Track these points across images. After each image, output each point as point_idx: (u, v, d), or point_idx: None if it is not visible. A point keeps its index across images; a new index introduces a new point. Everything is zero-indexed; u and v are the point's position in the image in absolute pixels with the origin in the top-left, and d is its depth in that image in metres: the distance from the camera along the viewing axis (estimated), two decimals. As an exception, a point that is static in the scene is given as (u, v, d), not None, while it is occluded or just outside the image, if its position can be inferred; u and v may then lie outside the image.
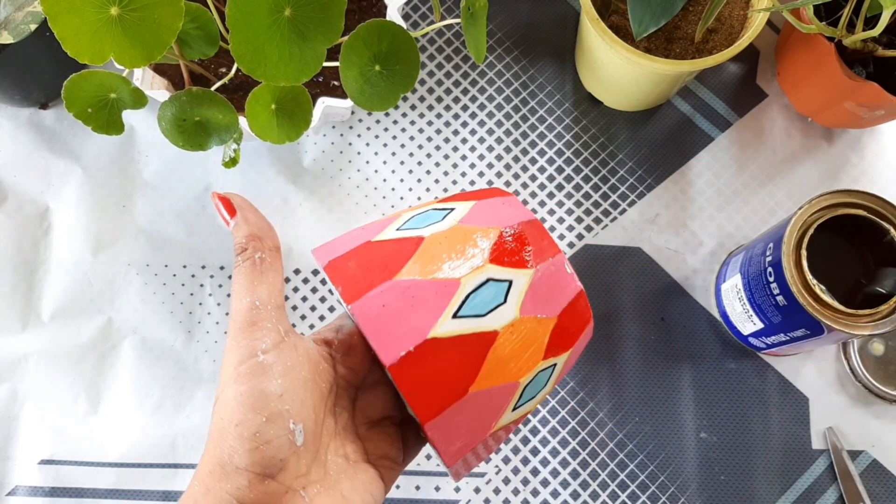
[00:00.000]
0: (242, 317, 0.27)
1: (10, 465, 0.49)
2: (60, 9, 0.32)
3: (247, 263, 0.28)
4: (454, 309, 0.27)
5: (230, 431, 0.24)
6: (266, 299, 0.27)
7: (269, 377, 0.25)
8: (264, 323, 0.27)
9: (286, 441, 0.25)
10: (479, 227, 0.30)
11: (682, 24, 0.48)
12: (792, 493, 0.49)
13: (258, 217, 0.30)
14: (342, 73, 0.37)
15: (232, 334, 0.27)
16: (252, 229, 0.29)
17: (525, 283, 0.29)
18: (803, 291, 0.40)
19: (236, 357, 0.26)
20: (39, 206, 0.53)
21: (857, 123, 0.52)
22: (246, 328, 0.26)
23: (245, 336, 0.26)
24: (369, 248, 0.29)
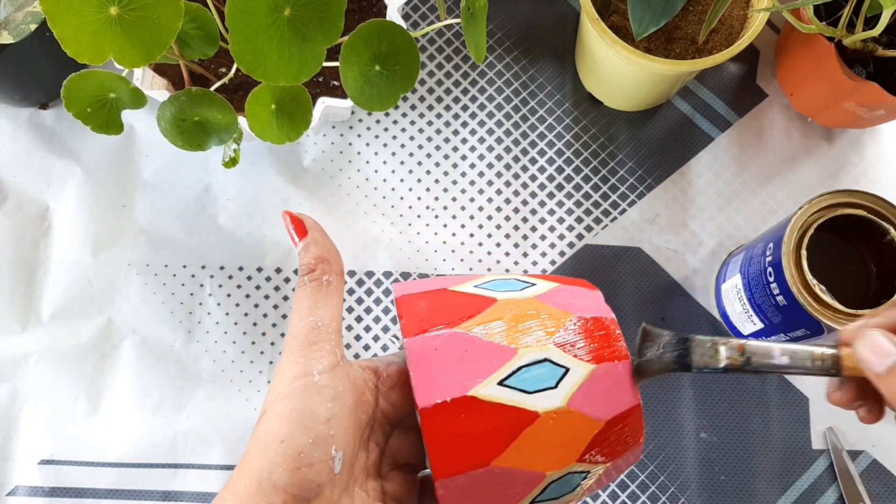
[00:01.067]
0: (303, 335, 0.27)
1: (10, 465, 0.49)
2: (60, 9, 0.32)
3: (313, 284, 0.28)
4: (502, 376, 0.27)
5: (274, 447, 0.24)
6: (328, 321, 0.28)
7: (320, 399, 0.26)
8: (323, 344, 0.27)
9: (326, 467, 0.25)
10: (554, 307, 0.29)
11: (682, 24, 0.48)
12: (792, 494, 0.49)
13: (327, 240, 0.30)
14: (342, 72, 0.37)
15: (289, 350, 0.27)
16: (322, 252, 0.29)
17: (582, 377, 0.28)
18: (803, 291, 0.40)
19: (291, 373, 0.26)
20: (39, 205, 0.53)
21: (857, 123, 0.52)
22: (306, 346, 0.27)
23: (303, 354, 0.26)
24: (443, 294, 0.30)
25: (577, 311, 0.29)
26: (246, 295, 0.51)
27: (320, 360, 0.26)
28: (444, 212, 0.53)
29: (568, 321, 0.29)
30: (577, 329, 0.29)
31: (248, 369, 0.50)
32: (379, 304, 0.52)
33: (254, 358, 0.51)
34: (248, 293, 0.51)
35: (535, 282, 0.31)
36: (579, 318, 0.29)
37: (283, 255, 0.52)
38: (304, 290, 0.28)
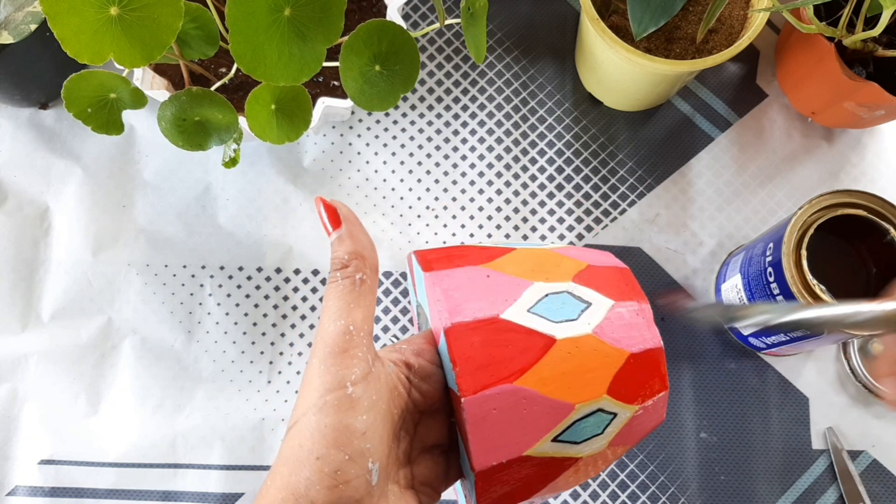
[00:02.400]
0: (335, 340, 0.25)
1: (10, 465, 0.49)
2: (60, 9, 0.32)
3: (346, 282, 0.27)
4: (557, 433, 0.27)
5: (309, 463, 0.24)
6: (360, 324, 0.26)
7: (355, 412, 0.24)
8: (356, 351, 0.25)
9: (364, 481, 0.24)
10: (611, 344, 0.29)
11: (681, 24, 0.48)
12: (792, 494, 0.49)
13: (362, 232, 0.28)
14: (342, 73, 0.37)
15: (321, 357, 0.25)
16: (357, 246, 0.27)
17: (626, 418, 0.28)
18: (803, 291, 0.40)
19: (324, 384, 0.25)
20: (39, 205, 0.53)
21: (857, 123, 0.52)
22: (338, 354, 0.25)
23: (336, 363, 0.25)
24: (497, 326, 0.28)
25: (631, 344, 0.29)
26: (246, 295, 0.51)
27: (353, 370, 0.25)
28: (444, 212, 0.53)
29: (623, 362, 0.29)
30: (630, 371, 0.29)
31: (248, 369, 0.50)
32: (379, 304, 0.52)
33: (254, 358, 0.51)
34: (248, 293, 0.51)
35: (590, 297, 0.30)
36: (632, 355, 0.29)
37: (283, 255, 0.52)
38: (335, 288, 0.27)
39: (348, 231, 0.27)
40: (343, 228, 0.27)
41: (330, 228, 0.27)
